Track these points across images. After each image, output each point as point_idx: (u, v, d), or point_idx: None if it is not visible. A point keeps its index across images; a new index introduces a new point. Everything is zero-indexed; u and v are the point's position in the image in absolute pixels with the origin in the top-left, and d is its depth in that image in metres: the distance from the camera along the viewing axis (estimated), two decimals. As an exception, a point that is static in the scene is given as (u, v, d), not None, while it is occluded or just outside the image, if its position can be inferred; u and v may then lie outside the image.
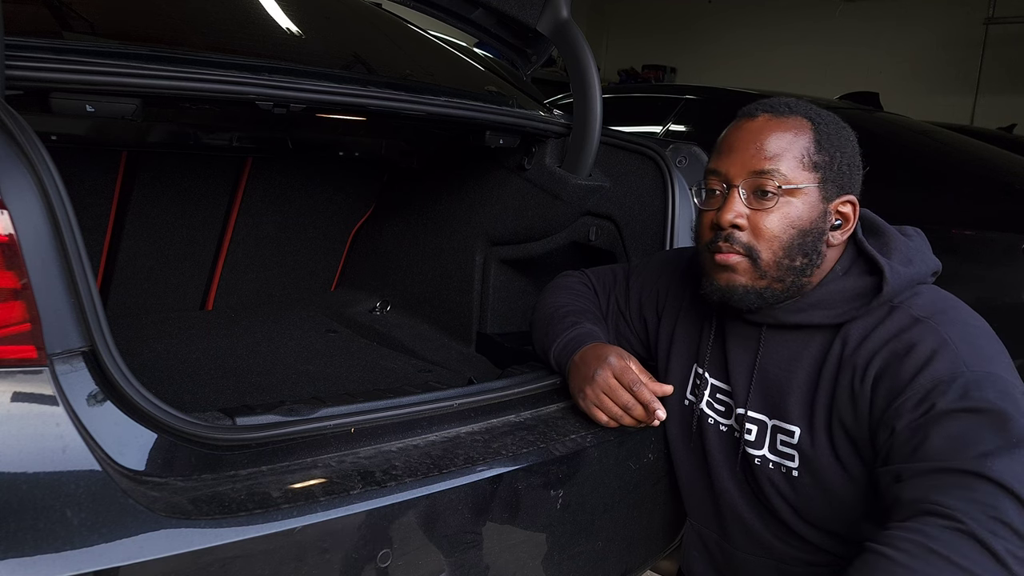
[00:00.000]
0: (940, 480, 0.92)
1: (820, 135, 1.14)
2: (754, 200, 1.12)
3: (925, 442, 0.96)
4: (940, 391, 0.98)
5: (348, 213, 2.35)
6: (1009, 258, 2.48)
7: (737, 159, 1.13)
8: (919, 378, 1.01)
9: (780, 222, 1.11)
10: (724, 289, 1.16)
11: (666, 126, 3.73)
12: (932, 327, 1.05)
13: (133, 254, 2.00)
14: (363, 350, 2.03)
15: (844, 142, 1.16)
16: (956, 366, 1.00)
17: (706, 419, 1.29)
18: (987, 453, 0.91)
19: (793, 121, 1.14)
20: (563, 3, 1.72)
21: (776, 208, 1.11)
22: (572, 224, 1.84)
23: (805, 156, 1.12)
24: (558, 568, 1.24)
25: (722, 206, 1.14)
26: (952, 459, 0.93)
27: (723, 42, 8.98)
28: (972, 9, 7.46)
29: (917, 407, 0.99)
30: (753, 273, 1.14)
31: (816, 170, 1.12)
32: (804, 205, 1.12)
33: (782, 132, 1.13)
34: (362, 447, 1.09)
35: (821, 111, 1.17)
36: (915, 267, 1.13)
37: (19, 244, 0.81)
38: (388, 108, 1.46)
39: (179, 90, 1.20)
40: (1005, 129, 5.34)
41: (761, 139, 1.13)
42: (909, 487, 0.95)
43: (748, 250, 1.13)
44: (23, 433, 0.80)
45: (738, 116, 1.19)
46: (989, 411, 0.95)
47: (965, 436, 0.94)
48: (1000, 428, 0.93)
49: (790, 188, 1.11)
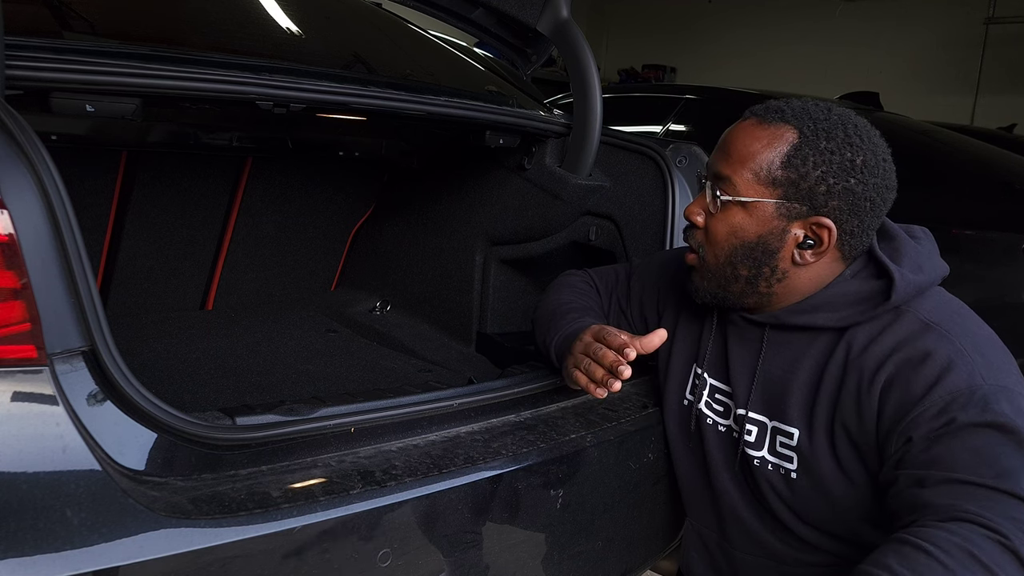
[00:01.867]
0: (969, 491, 0.92)
1: (800, 151, 1.08)
2: (711, 202, 1.15)
3: (947, 453, 0.96)
4: (959, 404, 0.98)
5: (348, 213, 2.35)
6: (1009, 258, 2.48)
7: (715, 157, 1.17)
8: (937, 390, 1.00)
9: (724, 229, 1.14)
10: (691, 289, 1.22)
11: (666, 126, 3.73)
12: (944, 335, 1.05)
13: (133, 254, 1.99)
14: (363, 350, 2.03)
15: (836, 165, 1.07)
16: (973, 379, 1.00)
17: (704, 419, 1.29)
18: (1013, 470, 0.92)
19: (774, 130, 1.10)
20: (563, 3, 1.72)
21: (723, 215, 1.13)
22: (572, 224, 1.84)
23: (764, 170, 1.09)
24: (558, 568, 1.24)
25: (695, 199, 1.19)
26: (978, 474, 0.93)
27: (723, 42, 8.97)
28: (972, 9, 7.45)
29: (936, 418, 0.99)
30: (704, 273, 1.18)
31: (775, 186, 1.09)
32: (751, 219, 1.11)
33: (753, 141, 1.11)
34: (362, 447, 1.09)
35: (835, 126, 1.09)
36: (925, 274, 1.12)
37: (19, 244, 0.81)
38: (388, 108, 1.46)
39: (179, 90, 1.20)
40: (1005, 129, 5.34)
41: (733, 143, 1.13)
42: (938, 493, 0.94)
43: (699, 248, 1.17)
44: (23, 433, 0.80)
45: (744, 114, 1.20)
46: (1007, 427, 0.95)
47: (989, 451, 0.94)
48: (1020, 445, 0.94)
49: (738, 200, 1.11)
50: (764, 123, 1.12)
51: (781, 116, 1.11)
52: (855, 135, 1.09)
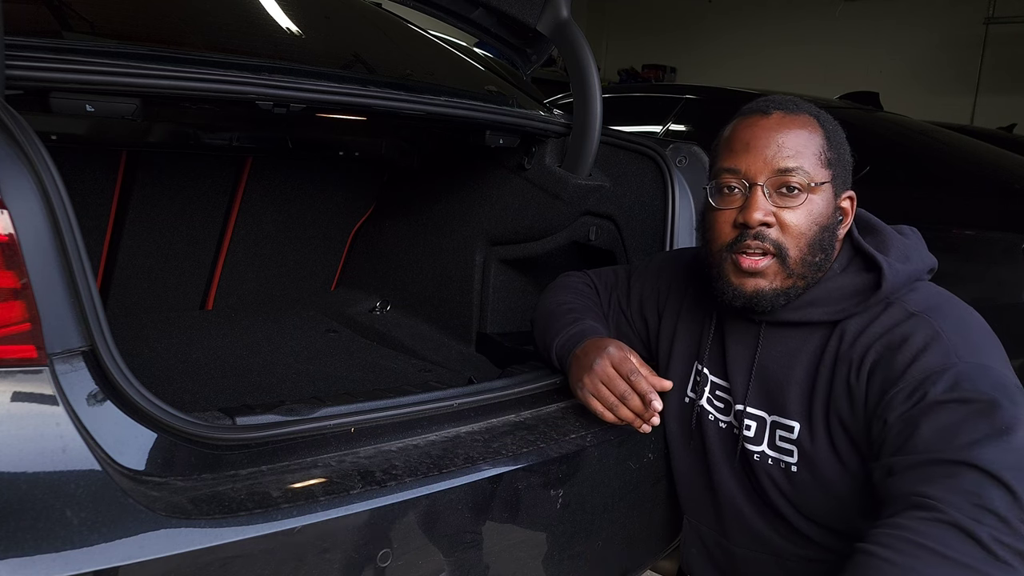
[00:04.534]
0: (928, 472, 0.93)
1: (828, 132, 1.16)
2: (778, 198, 1.12)
3: (915, 433, 0.97)
4: (931, 381, 0.99)
5: (348, 213, 2.35)
6: (1009, 258, 2.48)
7: (758, 157, 1.13)
8: (911, 369, 1.02)
9: (806, 219, 1.12)
10: (750, 295, 1.15)
11: (666, 126, 3.73)
12: (926, 320, 1.06)
13: (133, 254, 2.00)
14: (363, 350, 2.03)
15: (843, 140, 1.19)
16: (948, 357, 1.01)
17: (706, 416, 1.29)
18: (975, 441, 0.92)
19: (804, 119, 1.16)
20: (563, 3, 1.72)
21: (803, 205, 1.12)
22: (572, 224, 1.84)
23: (822, 153, 1.14)
24: (558, 568, 1.24)
25: (746, 205, 1.13)
26: (941, 450, 0.93)
27: (723, 42, 8.98)
28: (972, 9, 7.46)
29: (908, 398, 1.00)
30: (781, 273, 1.13)
31: (830, 167, 1.15)
32: (823, 201, 1.14)
33: (799, 129, 1.14)
34: (362, 447, 1.09)
35: (820, 110, 1.19)
36: (912, 264, 1.15)
37: (19, 244, 0.81)
38: (388, 108, 1.46)
39: (179, 90, 1.20)
40: (1005, 129, 5.34)
41: (781, 136, 1.13)
42: (898, 481, 0.96)
43: (777, 248, 1.12)
44: (23, 433, 0.80)
45: (745, 113, 1.18)
46: (979, 400, 0.95)
47: (954, 426, 0.94)
48: (989, 416, 0.94)
49: (814, 184, 1.12)
50: (792, 113, 1.16)
51: (797, 107, 1.17)
52: (830, 117, 1.19)
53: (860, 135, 1.21)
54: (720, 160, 1.17)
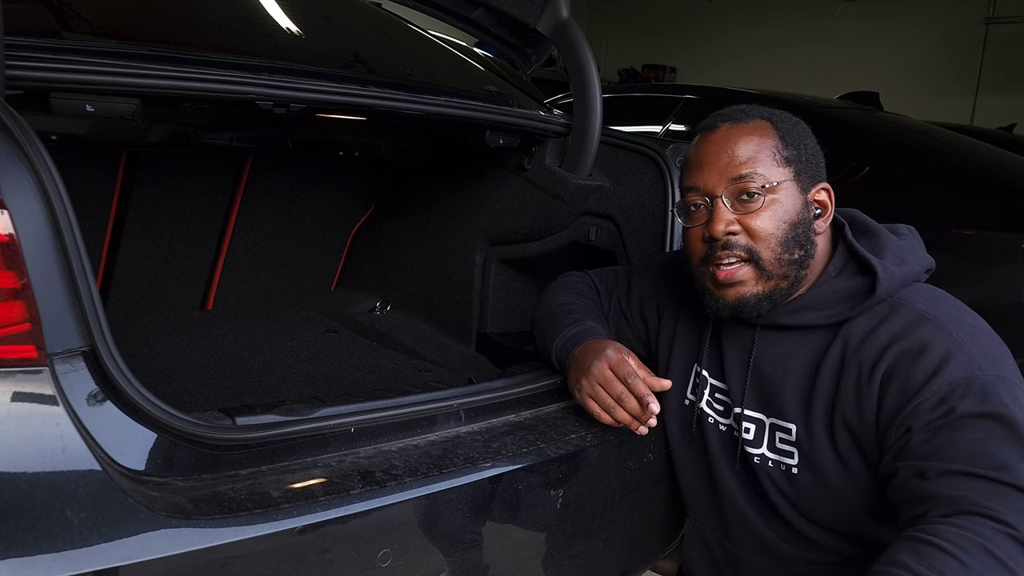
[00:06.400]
0: (975, 485, 0.93)
1: (782, 131, 1.17)
2: (739, 205, 1.14)
3: (949, 445, 0.97)
4: (959, 394, 1.00)
5: (348, 213, 2.35)
6: (1009, 258, 2.48)
7: (712, 171, 1.16)
8: (936, 380, 1.02)
9: (772, 220, 1.13)
10: (734, 305, 1.16)
11: (666, 126, 3.73)
12: (941, 327, 1.06)
13: (133, 254, 2.00)
14: (363, 350, 2.03)
15: (804, 135, 1.19)
16: (971, 370, 1.01)
17: (706, 418, 1.29)
18: (1012, 464, 0.93)
19: (754, 124, 1.17)
20: (563, 3, 1.72)
21: (764, 207, 1.13)
22: (572, 224, 1.84)
23: (776, 153, 1.15)
24: (558, 568, 1.24)
25: (710, 219, 1.15)
26: (981, 466, 0.94)
27: (723, 42, 8.98)
28: (972, 9, 7.46)
29: (935, 408, 1.00)
30: (760, 277, 1.14)
31: (788, 164, 1.15)
32: (788, 199, 1.14)
33: (748, 136, 1.16)
34: (362, 447, 1.09)
35: (775, 111, 1.21)
36: (908, 266, 1.15)
37: (19, 244, 0.81)
38: (388, 108, 1.46)
39: (179, 90, 1.20)
40: (1005, 129, 5.35)
41: (731, 147, 1.15)
42: (942, 484, 0.95)
43: (749, 253, 1.14)
44: (23, 433, 0.80)
45: (699, 131, 1.22)
46: (1005, 417, 0.96)
47: (988, 443, 0.95)
48: (1018, 437, 0.95)
49: (771, 185, 1.13)
50: (739, 122, 1.18)
51: (745, 114, 1.19)
52: (788, 116, 1.21)
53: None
54: (683, 181, 1.22)
